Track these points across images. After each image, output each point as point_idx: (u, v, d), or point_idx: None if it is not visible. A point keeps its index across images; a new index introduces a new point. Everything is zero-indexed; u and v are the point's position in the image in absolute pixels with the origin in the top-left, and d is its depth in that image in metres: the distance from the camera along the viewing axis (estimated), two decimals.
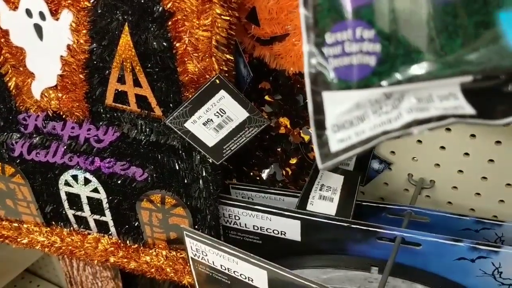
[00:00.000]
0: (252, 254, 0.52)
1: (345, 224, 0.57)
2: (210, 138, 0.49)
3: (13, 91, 0.54)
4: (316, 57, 0.27)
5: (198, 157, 0.54)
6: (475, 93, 0.25)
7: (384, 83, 0.25)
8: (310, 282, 0.50)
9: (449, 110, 0.26)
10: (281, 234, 0.61)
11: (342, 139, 0.28)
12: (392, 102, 0.26)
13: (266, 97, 0.56)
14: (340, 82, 0.26)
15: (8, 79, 0.53)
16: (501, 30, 0.24)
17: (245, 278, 0.54)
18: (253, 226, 0.61)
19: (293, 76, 0.54)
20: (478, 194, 0.65)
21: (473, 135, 0.61)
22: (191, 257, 0.57)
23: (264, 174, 0.63)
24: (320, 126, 0.28)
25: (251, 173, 0.66)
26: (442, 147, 0.64)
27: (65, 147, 0.57)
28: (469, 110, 0.25)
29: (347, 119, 0.27)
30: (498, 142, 0.60)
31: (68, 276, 0.97)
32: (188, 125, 0.48)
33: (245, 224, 0.61)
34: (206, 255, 0.56)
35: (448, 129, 0.62)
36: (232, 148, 0.50)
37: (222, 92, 0.47)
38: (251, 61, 0.55)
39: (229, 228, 0.63)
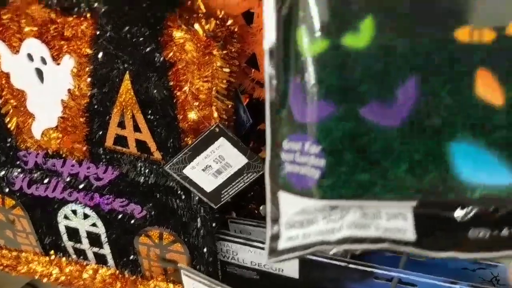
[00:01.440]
0: None
1: (343, 264, 0.57)
2: (208, 183, 0.50)
3: (14, 130, 0.54)
4: (276, 159, 0.27)
5: (197, 197, 0.54)
6: (422, 219, 0.25)
7: (325, 196, 0.25)
8: None
9: (388, 233, 0.26)
10: (279, 271, 0.61)
11: (291, 237, 0.28)
12: (340, 211, 0.27)
13: None
14: (291, 187, 0.27)
15: (9, 119, 0.53)
16: (451, 161, 0.24)
17: None
18: (251, 262, 0.61)
19: None
20: None
21: None
22: None
23: (262, 210, 0.63)
24: (275, 221, 0.29)
25: (250, 207, 0.66)
26: None
27: (64, 183, 0.57)
28: (410, 235, 0.25)
29: (299, 219, 0.28)
30: None
31: None
32: (187, 171, 0.49)
33: (243, 260, 0.62)
34: None
35: None
36: (230, 193, 0.50)
37: (222, 140, 0.47)
38: (251, 101, 0.55)
39: (227, 263, 0.63)
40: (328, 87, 0.25)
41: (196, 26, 0.42)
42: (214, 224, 0.56)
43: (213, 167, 0.48)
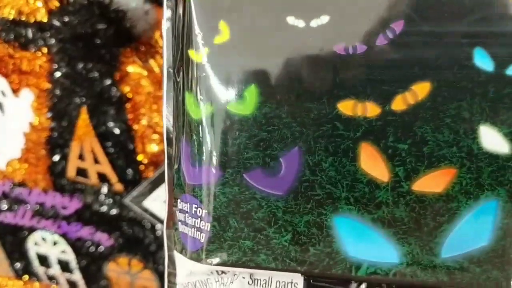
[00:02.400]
0: None
1: None
2: None
3: None
4: (172, 217, 0.28)
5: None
6: None
7: (210, 261, 0.25)
8: None
9: None
10: None
11: None
12: (229, 276, 0.26)
13: None
14: (181, 247, 0.28)
15: None
16: (335, 235, 0.24)
17: None
18: None
19: None
20: None
21: None
22: None
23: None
24: (172, 280, 0.29)
25: None
26: None
27: (32, 211, 0.57)
28: None
29: (192, 281, 0.28)
30: None
31: None
32: (148, 203, 0.48)
33: None
34: None
35: None
36: None
37: None
38: None
39: None
40: (213, 152, 0.25)
41: (151, 62, 0.41)
42: None
43: None
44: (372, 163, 0.23)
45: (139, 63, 0.42)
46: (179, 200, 0.28)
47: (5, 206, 0.58)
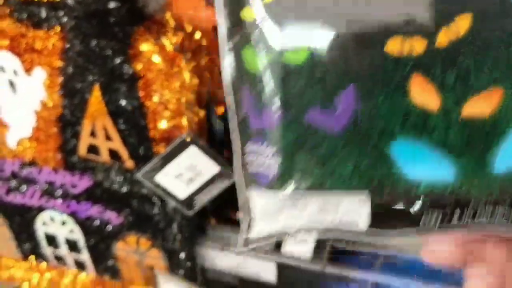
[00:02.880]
0: None
1: (319, 268, 0.58)
2: (181, 190, 0.50)
3: None
4: (242, 161, 0.31)
5: (172, 204, 0.54)
6: (374, 212, 0.28)
7: (283, 191, 0.28)
8: None
9: (342, 225, 0.29)
10: (257, 275, 0.61)
11: (259, 230, 0.32)
12: (299, 205, 0.30)
13: None
14: (255, 184, 0.30)
15: None
16: (394, 160, 0.26)
17: None
18: (229, 267, 0.62)
19: None
20: None
21: None
22: None
23: (239, 215, 0.64)
24: (248, 214, 0.32)
25: (228, 214, 0.66)
26: None
27: (41, 191, 0.58)
28: (362, 226, 0.28)
29: (265, 213, 0.31)
30: None
31: None
32: (159, 178, 0.49)
33: (222, 265, 0.62)
34: None
35: None
36: (204, 200, 0.51)
37: (193, 148, 0.47)
38: (226, 110, 0.55)
39: (206, 269, 0.63)
40: (274, 98, 0.28)
41: (164, 39, 0.42)
42: (191, 230, 0.57)
43: (185, 175, 0.49)
44: (423, 93, 0.25)
45: (152, 41, 0.42)
46: (246, 146, 0.30)
47: (14, 186, 0.58)
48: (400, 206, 0.27)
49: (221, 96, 0.55)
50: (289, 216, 0.30)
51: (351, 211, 0.28)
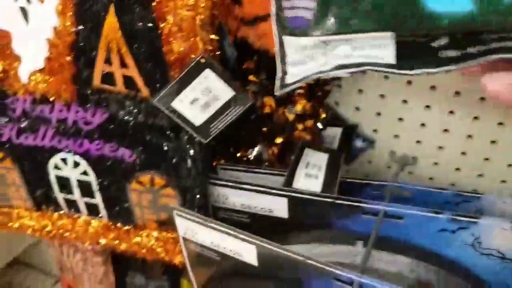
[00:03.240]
0: (241, 231, 0.53)
1: (330, 200, 0.59)
2: (197, 117, 0.51)
3: (1, 74, 0.54)
4: (279, 7, 0.34)
5: (186, 137, 0.55)
6: (399, 47, 0.29)
7: (317, 33, 0.32)
8: (297, 255, 0.51)
9: (370, 59, 0.31)
10: (269, 212, 0.62)
11: (294, 73, 0.34)
12: (331, 47, 0.32)
13: (251, 77, 0.58)
14: (290, 29, 0.34)
15: None
16: None
17: (235, 254, 0.55)
18: (242, 205, 0.63)
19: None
20: (458, 169, 0.67)
21: (451, 112, 0.62)
22: (182, 236, 0.59)
23: (251, 154, 0.65)
24: (283, 61, 0.35)
25: (238, 154, 0.67)
26: (423, 124, 0.65)
27: (53, 130, 0.58)
28: (389, 60, 0.30)
29: (300, 57, 0.33)
30: (476, 118, 0.62)
31: (59, 262, 0.98)
32: (175, 104, 0.49)
33: (234, 203, 0.63)
34: (196, 233, 0.57)
35: (428, 107, 0.63)
36: (219, 127, 0.51)
37: (208, 71, 0.48)
38: (235, 42, 0.56)
39: (218, 208, 0.64)
40: None
41: None
42: (204, 165, 0.57)
43: (201, 100, 0.49)
44: None
45: None
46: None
47: (25, 126, 0.58)
48: (424, 40, 0.29)
49: (232, 26, 0.55)
50: (320, 59, 0.32)
51: (379, 48, 0.29)
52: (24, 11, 0.49)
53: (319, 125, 0.62)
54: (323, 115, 0.62)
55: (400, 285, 0.47)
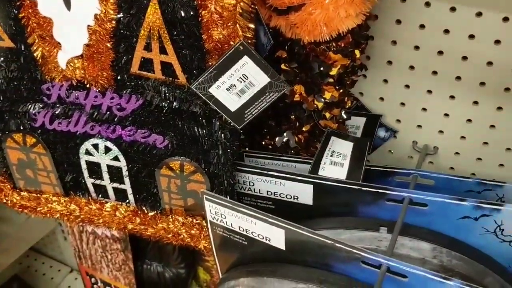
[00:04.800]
0: (269, 214, 0.55)
1: (356, 187, 0.60)
2: (232, 103, 0.52)
3: (39, 60, 0.56)
4: None
5: (218, 124, 0.56)
6: None
7: None
8: (326, 239, 0.53)
9: None
10: (294, 198, 0.63)
11: None
12: None
13: (282, 66, 0.59)
14: None
15: (35, 48, 0.54)
16: None
17: (263, 238, 0.57)
18: (267, 191, 0.64)
19: (308, 45, 0.57)
20: (480, 159, 0.68)
21: (475, 102, 0.64)
22: (210, 220, 0.60)
23: (278, 141, 0.66)
24: None
25: (264, 142, 0.68)
26: (446, 114, 0.67)
27: (87, 116, 0.59)
28: None
29: None
30: (499, 108, 0.63)
31: (77, 250, 0.99)
32: (213, 90, 0.51)
33: (259, 190, 0.64)
34: (225, 217, 0.58)
35: (452, 97, 0.65)
36: (253, 113, 0.53)
37: (245, 58, 0.49)
38: (268, 30, 0.57)
39: (243, 194, 0.65)
40: None
41: None
42: (234, 152, 0.59)
43: (237, 86, 0.51)
44: None
45: None
46: None
47: (59, 112, 0.59)
48: None
49: (264, 16, 0.56)
50: None
51: None
52: None
53: (345, 115, 0.64)
54: (349, 105, 0.63)
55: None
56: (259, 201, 0.66)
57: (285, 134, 0.65)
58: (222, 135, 0.57)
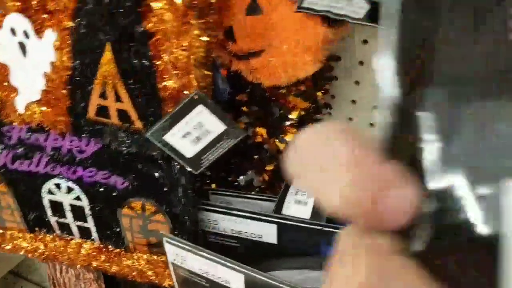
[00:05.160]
0: (229, 259, 0.55)
1: (318, 227, 0.60)
2: (188, 149, 0.52)
3: None
4: None
5: (178, 166, 0.56)
6: None
7: None
8: (284, 284, 0.53)
9: None
10: (258, 237, 0.63)
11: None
12: None
13: (244, 108, 0.59)
14: None
15: None
16: None
17: (223, 281, 0.57)
18: (231, 230, 0.64)
19: (268, 89, 0.57)
20: None
21: None
22: (171, 262, 0.60)
23: (242, 180, 0.66)
24: None
25: (229, 179, 0.68)
26: None
27: (48, 157, 0.59)
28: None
29: None
30: None
31: (52, 278, 0.99)
32: (168, 138, 0.51)
33: (224, 229, 0.64)
34: (185, 260, 0.58)
35: None
36: (210, 159, 0.53)
37: (201, 107, 0.49)
38: (229, 74, 0.57)
39: (208, 232, 0.65)
40: None
41: None
42: (194, 194, 0.59)
43: (193, 133, 0.51)
44: None
45: None
46: None
47: (20, 153, 0.59)
48: None
49: (225, 60, 0.56)
50: None
51: None
52: (22, 46, 0.50)
53: None
54: None
55: None
56: (225, 240, 0.66)
57: (249, 173, 0.65)
58: (182, 177, 0.57)
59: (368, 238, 0.14)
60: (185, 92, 0.49)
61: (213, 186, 0.69)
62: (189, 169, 0.54)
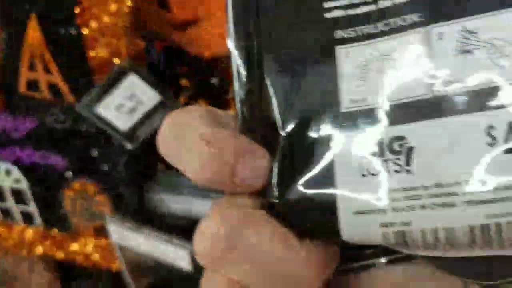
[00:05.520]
0: (174, 235, 0.54)
1: None
2: (123, 122, 0.51)
3: None
4: None
5: (117, 144, 0.54)
6: None
7: None
8: None
9: None
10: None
11: None
12: None
13: (183, 81, 0.58)
14: None
15: None
16: None
17: (169, 259, 0.56)
18: (180, 210, 0.63)
19: (208, 60, 0.56)
20: None
21: None
22: (116, 243, 0.59)
23: None
24: None
25: None
26: None
27: None
28: None
29: None
30: None
31: (5, 273, 0.96)
32: (99, 110, 0.49)
33: (173, 209, 0.63)
34: (130, 241, 0.57)
35: None
36: (146, 132, 0.51)
37: (132, 76, 0.48)
38: (168, 46, 0.56)
39: (155, 212, 0.64)
40: None
41: None
42: (137, 172, 0.57)
43: (126, 105, 0.49)
44: None
45: None
46: None
47: None
48: None
49: (162, 29, 0.55)
50: None
51: None
52: None
53: None
54: None
55: None
56: (175, 220, 0.64)
57: None
58: (122, 155, 0.55)
59: (230, 198, 0.17)
60: (116, 61, 0.47)
61: (161, 166, 0.68)
62: (124, 143, 0.52)
